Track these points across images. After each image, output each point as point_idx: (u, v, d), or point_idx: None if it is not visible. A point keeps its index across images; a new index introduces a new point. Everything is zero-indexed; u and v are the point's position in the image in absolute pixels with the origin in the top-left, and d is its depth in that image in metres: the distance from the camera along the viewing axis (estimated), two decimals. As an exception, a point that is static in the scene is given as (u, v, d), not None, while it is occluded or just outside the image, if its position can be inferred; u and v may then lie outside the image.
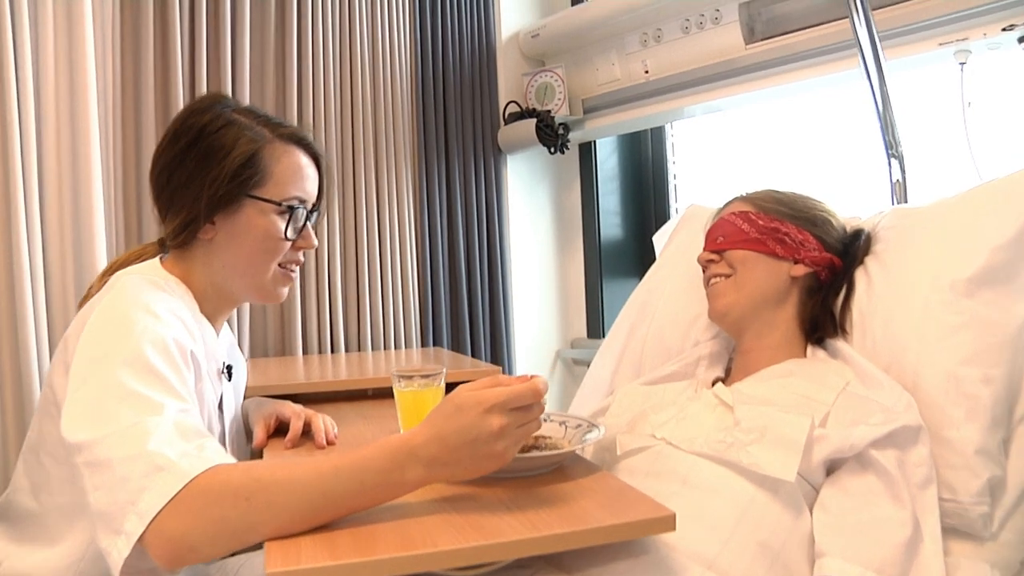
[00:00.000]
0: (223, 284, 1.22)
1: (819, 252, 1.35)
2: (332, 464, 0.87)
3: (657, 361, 1.58)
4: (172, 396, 0.95)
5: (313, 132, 2.52)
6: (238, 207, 1.18)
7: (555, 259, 3.05)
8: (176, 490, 0.83)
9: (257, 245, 1.20)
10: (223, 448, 0.94)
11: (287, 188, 1.21)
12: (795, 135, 2.42)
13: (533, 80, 2.83)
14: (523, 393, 0.88)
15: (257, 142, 1.18)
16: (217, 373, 1.23)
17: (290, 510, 0.84)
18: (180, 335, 1.04)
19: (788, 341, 1.35)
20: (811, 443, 1.10)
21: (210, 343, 1.19)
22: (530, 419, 0.90)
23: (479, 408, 0.87)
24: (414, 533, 0.85)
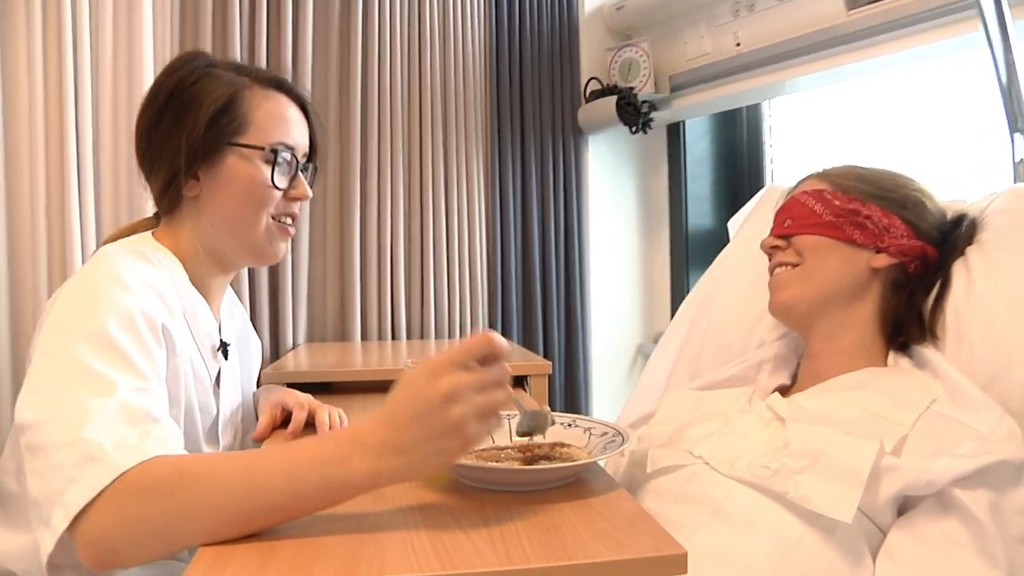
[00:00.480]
0: (215, 245, 1.15)
1: (908, 239, 1.13)
2: (268, 456, 0.78)
3: (716, 362, 1.38)
4: (130, 373, 0.89)
5: (378, 111, 2.43)
6: (220, 157, 1.11)
7: (639, 248, 2.88)
8: (104, 484, 0.76)
9: (243, 195, 1.12)
10: (176, 433, 0.89)
11: (270, 133, 1.13)
12: (905, 111, 2.15)
13: (617, 55, 2.65)
14: (472, 345, 0.74)
15: (234, 87, 1.12)
16: (212, 350, 1.17)
17: (216, 509, 0.75)
18: (149, 307, 0.97)
19: (864, 346, 1.13)
20: (878, 474, 0.89)
21: (201, 318, 1.14)
22: (490, 380, 0.75)
23: (424, 374, 0.74)
24: (365, 552, 0.73)
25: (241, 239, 1.15)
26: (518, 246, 2.65)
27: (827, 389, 1.08)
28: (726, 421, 1.11)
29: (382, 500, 0.86)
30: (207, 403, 1.15)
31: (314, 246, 2.44)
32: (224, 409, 1.22)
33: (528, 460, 0.97)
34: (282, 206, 1.17)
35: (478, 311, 2.58)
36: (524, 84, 2.64)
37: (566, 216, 2.70)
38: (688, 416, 1.19)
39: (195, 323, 1.12)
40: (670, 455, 1.09)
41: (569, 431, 1.08)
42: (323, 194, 2.44)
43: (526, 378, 1.81)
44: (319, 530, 0.78)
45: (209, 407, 1.16)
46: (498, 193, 2.61)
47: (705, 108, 2.61)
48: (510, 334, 2.61)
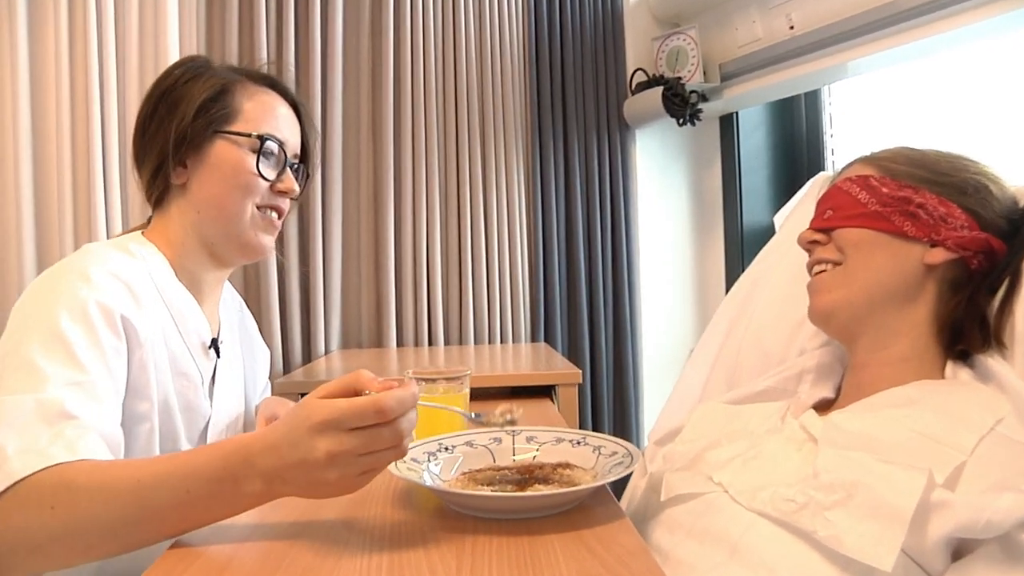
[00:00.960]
0: (202, 233, 1.15)
1: (969, 231, 0.97)
2: (155, 470, 0.76)
3: (754, 371, 1.24)
4: (68, 366, 0.90)
5: (412, 108, 2.35)
6: (207, 144, 1.12)
7: (691, 247, 2.75)
8: None
9: (229, 181, 1.13)
10: (102, 427, 0.88)
11: (259, 124, 1.15)
12: (981, 91, 1.95)
13: (663, 45, 2.51)
14: (358, 411, 0.70)
15: (227, 80, 1.15)
16: (202, 347, 1.16)
17: (99, 523, 0.75)
18: (108, 298, 0.97)
19: (917, 355, 0.98)
20: (926, 511, 0.74)
21: (188, 314, 1.14)
22: (378, 445, 0.71)
23: (307, 423, 0.71)
24: None
25: (226, 226, 1.14)
26: (562, 247, 2.53)
27: (871, 406, 0.93)
28: (753, 443, 0.97)
29: (355, 517, 0.84)
30: (196, 403, 1.13)
31: (347, 249, 2.37)
32: (219, 413, 1.19)
33: (523, 483, 0.89)
34: (268, 198, 1.16)
35: (520, 316, 2.47)
36: (566, 77, 2.53)
37: (612, 215, 2.57)
38: (716, 434, 1.05)
39: (181, 318, 1.11)
40: (688, 481, 0.95)
41: (577, 449, 0.98)
42: (356, 196, 2.37)
43: (554, 388, 1.69)
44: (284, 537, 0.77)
45: (199, 407, 1.14)
46: (540, 192, 2.50)
47: (759, 97, 2.46)
48: (554, 341, 2.49)
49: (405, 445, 0.74)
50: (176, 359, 1.09)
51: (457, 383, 1.14)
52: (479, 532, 0.77)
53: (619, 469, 0.87)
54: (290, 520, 0.82)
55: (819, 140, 2.53)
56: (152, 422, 1.03)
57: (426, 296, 2.38)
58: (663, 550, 0.89)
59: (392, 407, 0.70)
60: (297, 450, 0.71)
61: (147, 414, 1.02)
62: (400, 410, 0.71)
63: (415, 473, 0.88)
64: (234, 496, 0.74)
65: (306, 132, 1.24)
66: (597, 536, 0.76)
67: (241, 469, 0.73)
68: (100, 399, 0.90)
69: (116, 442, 0.91)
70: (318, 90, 2.27)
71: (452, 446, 0.98)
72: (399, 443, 0.73)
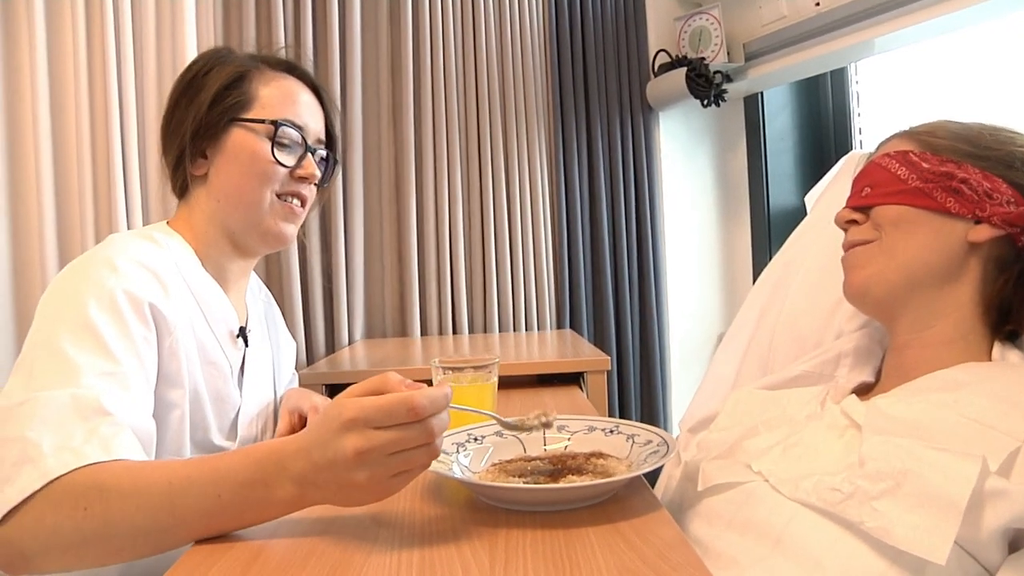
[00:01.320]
0: (224, 223, 1.14)
1: (1016, 206, 0.93)
2: (187, 473, 0.75)
3: (788, 356, 1.20)
4: (100, 356, 0.89)
5: (432, 95, 2.32)
6: (225, 133, 1.12)
7: (717, 231, 2.71)
8: (34, 489, 0.76)
9: (246, 169, 1.12)
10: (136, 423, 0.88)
11: (275, 109, 1.13)
12: (1014, 69, 1.89)
13: (686, 25, 2.46)
14: (388, 408, 0.68)
15: (243, 68, 1.14)
16: (230, 336, 1.15)
17: (130, 526, 0.74)
18: (136, 286, 0.97)
19: (962, 336, 0.94)
20: (981, 500, 0.71)
21: (215, 303, 1.13)
22: (408, 444, 0.69)
23: (336, 422, 0.69)
24: None
25: (246, 215, 1.13)
26: (586, 232, 2.50)
27: (916, 390, 0.89)
28: (793, 429, 0.94)
29: (384, 511, 0.81)
30: (226, 392, 1.12)
31: (370, 238, 2.35)
32: (249, 402, 1.18)
33: (556, 474, 0.86)
34: (288, 184, 1.15)
35: (545, 303, 2.44)
36: (588, 60, 2.49)
37: (637, 199, 2.53)
38: (752, 421, 1.02)
39: (208, 307, 1.11)
40: (726, 470, 0.92)
41: (610, 439, 0.96)
42: (378, 184, 2.35)
43: (583, 375, 1.66)
44: (312, 533, 0.76)
45: (229, 397, 1.13)
46: (563, 177, 2.47)
47: (784, 76, 2.40)
48: (580, 327, 2.46)
49: (437, 446, 0.71)
50: (204, 348, 1.08)
51: (485, 372, 1.12)
52: (512, 525, 0.75)
53: (654, 459, 0.84)
54: (317, 515, 0.79)
55: (846, 119, 2.48)
56: (183, 409, 1.02)
57: (450, 284, 2.37)
58: (702, 542, 0.87)
59: (424, 405, 0.68)
60: (326, 451, 0.69)
61: (178, 401, 1.02)
62: (432, 409, 0.69)
63: (444, 465, 0.86)
64: (265, 502, 0.73)
65: (330, 116, 1.23)
66: (635, 528, 0.74)
67: (273, 474, 0.72)
68: (132, 390, 0.90)
69: (149, 434, 0.91)
70: (337, 80, 2.25)
71: (481, 436, 0.96)
72: (431, 442, 0.70)
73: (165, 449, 1.00)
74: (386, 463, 0.69)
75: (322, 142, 1.20)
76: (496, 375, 1.13)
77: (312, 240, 2.24)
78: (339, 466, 0.69)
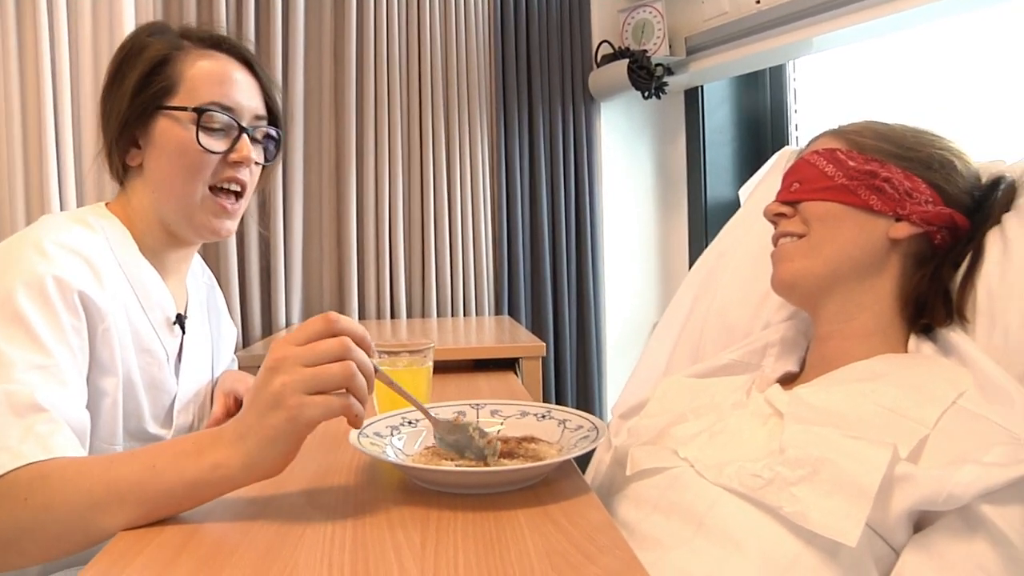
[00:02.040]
0: (161, 215, 1.11)
1: (934, 206, 0.97)
2: (130, 453, 0.75)
3: (718, 346, 1.23)
4: (32, 349, 0.87)
5: (375, 79, 2.31)
6: (151, 122, 1.07)
7: (655, 221, 2.75)
8: None
9: (175, 160, 1.07)
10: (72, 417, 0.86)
11: (200, 93, 1.07)
12: (945, 69, 1.96)
13: (630, 17, 2.49)
14: (309, 323, 0.72)
15: (167, 49, 1.08)
16: (166, 323, 1.12)
17: (69, 508, 0.72)
18: (67, 273, 0.93)
19: (881, 328, 0.98)
20: (890, 484, 0.75)
21: (152, 289, 1.10)
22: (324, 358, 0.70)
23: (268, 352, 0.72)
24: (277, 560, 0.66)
25: (180, 208, 1.09)
26: (526, 220, 2.52)
27: (836, 380, 0.93)
28: (719, 417, 0.97)
29: (317, 492, 0.82)
30: (161, 380, 1.10)
31: (309, 221, 2.33)
32: (185, 389, 1.16)
33: (481, 461, 0.87)
34: (222, 171, 1.09)
35: (483, 289, 2.46)
36: (531, 48, 2.50)
37: (577, 188, 2.56)
38: (681, 408, 1.05)
39: (144, 294, 1.08)
40: (653, 456, 0.95)
41: (542, 423, 0.97)
42: (318, 167, 2.33)
43: (518, 361, 1.68)
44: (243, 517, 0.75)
45: (164, 384, 1.11)
46: (504, 164, 2.48)
47: (724, 71, 2.45)
48: (517, 314, 2.48)
49: (352, 369, 0.71)
50: (139, 335, 1.05)
51: (420, 356, 1.12)
52: (443, 507, 0.76)
53: (584, 443, 0.86)
54: (251, 496, 0.79)
55: (784, 115, 2.53)
56: (115, 397, 1.00)
57: (388, 268, 2.36)
58: (629, 525, 0.89)
59: (340, 318, 0.71)
60: (251, 389, 0.72)
61: (110, 390, 0.99)
62: (348, 326, 0.72)
63: (378, 448, 0.86)
64: (195, 469, 0.71)
65: (267, 90, 1.16)
66: (563, 511, 0.76)
67: (208, 444, 0.72)
68: (66, 382, 0.88)
69: (84, 427, 0.89)
70: (279, 61, 2.22)
71: (415, 420, 0.97)
72: (345, 356, 0.71)
73: (98, 437, 0.98)
74: (300, 372, 0.69)
75: (262, 118, 1.14)
76: (431, 360, 1.14)
77: (250, 222, 2.21)
78: (259, 388, 0.71)
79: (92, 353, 0.96)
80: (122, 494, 0.71)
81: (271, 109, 1.16)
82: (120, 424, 1.01)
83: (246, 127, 1.10)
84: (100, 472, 0.73)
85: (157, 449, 0.74)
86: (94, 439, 0.97)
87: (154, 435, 1.08)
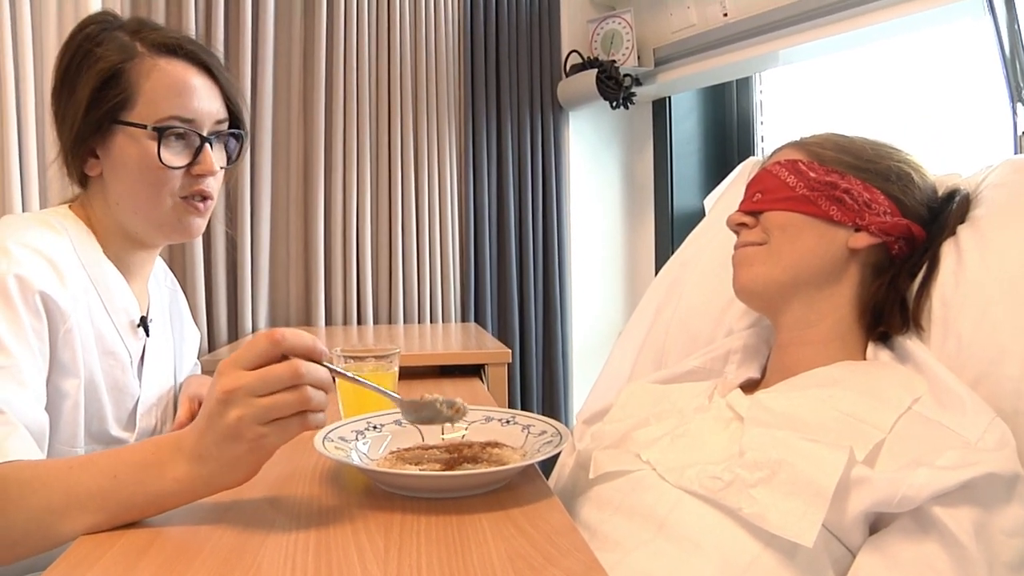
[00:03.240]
0: (124, 223, 1.09)
1: (891, 217, 0.99)
2: (88, 458, 0.74)
3: (682, 353, 1.25)
4: None
5: (344, 85, 2.30)
6: (110, 136, 1.04)
7: (622, 230, 2.77)
8: None
9: (137, 177, 1.05)
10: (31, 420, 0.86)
11: (159, 107, 1.04)
12: (906, 83, 2.01)
13: (599, 27, 2.51)
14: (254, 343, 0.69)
15: (122, 56, 1.03)
16: (130, 326, 1.11)
17: (26, 514, 0.71)
18: (29, 272, 0.92)
19: (840, 336, 1.00)
20: (846, 487, 0.77)
21: (115, 292, 1.08)
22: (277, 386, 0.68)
23: (215, 378, 0.70)
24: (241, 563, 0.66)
25: (146, 219, 1.09)
26: (493, 228, 2.52)
27: (796, 385, 0.95)
28: (681, 421, 0.98)
29: (281, 497, 0.81)
30: (125, 382, 1.09)
31: (276, 227, 2.32)
32: (148, 392, 1.15)
33: (452, 462, 0.88)
34: (188, 184, 1.08)
35: (450, 296, 2.46)
36: (500, 57, 2.51)
37: (544, 196, 2.58)
38: (644, 413, 1.06)
39: (108, 295, 1.06)
40: (616, 459, 0.96)
41: (506, 429, 0.98)
42: (286, 172, 2.32)
43: (484, 367, 1.68)
44: (207, 521, 0.74)
45: (127, 387, 1.09)
46: (472, 172, 2.49)
47: (692, 82, 2.48)
48: (484, 321, 2.49)
49: (309, 394, 0.69)
50: (103, 337, 1.04)
51: (386, 361, 1.12)
52: (407, 511, 0.77)
53: (548, 448, 0.87)
54: (215, 500, 0.79)
55: (750, 127, 2.57)
56: (77, 399, 0.99)
57: (355, 275, 2.35)
58: (591, 527, 0.90)
59: (285, 335, 0.69)
60: (204, 411, 0.70)
61: (71, 391, 0.98)
62: (295, 343, 0.70)
63: (342, 452, 0.86)
64: (158, 482, 0.71)
65: (228, 92, 1.12)
66: (526, 515, 0.76)
67: (168, 455, 0.72)
68: (25, 383, 0.87)
69: (42, 428, 0.88)
70: (248, 65, 2.20)
71: (380, 425, 0.97)
72: (299, 382, 0.68)
73: (59, 439, 0.97)
74: (254, 404, 0.68)
75: (223, 122, 1.11)
76: (397, 365, 1.14)
77: (217, 226, 2.19)
78: (213, 416, 0.69)
79: (53, 354, 0.95)
80: (82, 501, 0.71)
81: (232, 110, 1.14)
82: (82, 426, 1.00)
83: (207, 137, 1.08)
84: (58, 478, 0.72)
85: (117, 457, 0.73)
86: (55, 441, 0.96)
87: (117, 438, 1.07)
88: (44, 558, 0.71)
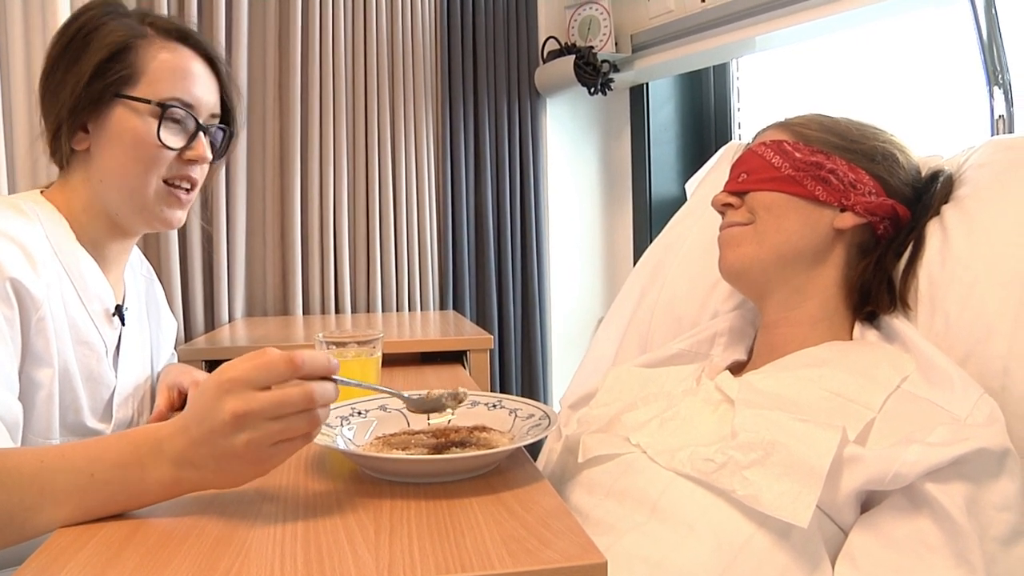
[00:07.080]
0: (105, 204, 1.08)
1: (877, 197, 1.00)
2: (60, 453, 0.71)
3: (667, 336, 1.25)
4: None
5: (320, 72, 2.27)
6: (107, 109, 1.04)
7: (600, 217, 2.76)
8: None
9: (130, 152, 1.05)
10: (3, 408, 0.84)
11: (163, 87, 1.05)
12: (883, 68, 2.02)
13: (576, 13, 2.50)
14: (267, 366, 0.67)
15: (130, 35, 1.04)
16: (105, 315, 1.09)
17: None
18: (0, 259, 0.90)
19: (827, 316, 1.00)
20: (839, 466, 0.77)
21: (89, 280, 1.06)
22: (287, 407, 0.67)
23: (214, 390, 0.67)
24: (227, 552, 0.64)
25: (130, 200, 1.07)
26: (471, 214, 2.51)
27: (784, 366, 0.95)
28: (669, 404, 0.98)
29: (267, 485, 0.79)
30: (100, 372, 1.07)
31: (252, 215, 2.28)
32: (124, 382, 1.13)
33: (439, 447, 0.87)
34: (176, 168, 1.08)
35: (428, 284, 2.44)
36: (477, 43, 2.49)
37: (522, 183, 2.56)
38: (631, 397, 1.05)
39: (82, 284, 1.05)
40: (605, 442, 0.95)
41: (493, 413, 0.97)
42: (262, 159, 2.29)
43: (465, 353, 1.67)
44: (191, 510, 0.72)
45: (103, 377, 1.08)
46: (449, 159, 2.46)
47: (669, 69, 2.47)
48: (462, 308, 2.47)
49: (318, 415, 0.69)
50: (77, 327, 1.02)
51: (369, 347, 1.11)
52: (396, 497, 0.75)
53: (536, 431, 0.86)
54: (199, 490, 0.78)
55: (727, 113, 2.57)
56: (50, 389, 0.96)
57: (333, 263, 2.33)
58: (582, 511, 0.90)
59: (304, 359, 0.68)
60: (204, 422, 0.67)
61: (45, 381, 0.96)
62: (312, 366, 0.68)
63: (328, 438, 0.85)
64: (140, 484, 0.69)
65: (226, 88, 1.15)
66: (517, 498, 0.75)
67: (149, 455, 0.69)
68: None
69: (15, 418, 0.86)
70: (222, 51, 2.16)
71: (366, 410, 0.96)
72: (312, 407, 0.68)
73: (33, 431, 0.95)
74: (265, 428, 0.67)
75: (216, 115, 1.13)
76: (380, 351, 1.13)
77: (192, 215, 2.15)
78: (217, 434, 0.67)
79: (26, 343, 0.92)
80: (58, 499, 0.69)
81: (226, 107, 1.15)
82: (56, 417, 0.98)
83: (204, 125, 1.09)
84: (31, 472, 0.69)
85: (92, 454, 0.70)
86: (28, 433, 0.94)
87: (93, 429, 1.05)
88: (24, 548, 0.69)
